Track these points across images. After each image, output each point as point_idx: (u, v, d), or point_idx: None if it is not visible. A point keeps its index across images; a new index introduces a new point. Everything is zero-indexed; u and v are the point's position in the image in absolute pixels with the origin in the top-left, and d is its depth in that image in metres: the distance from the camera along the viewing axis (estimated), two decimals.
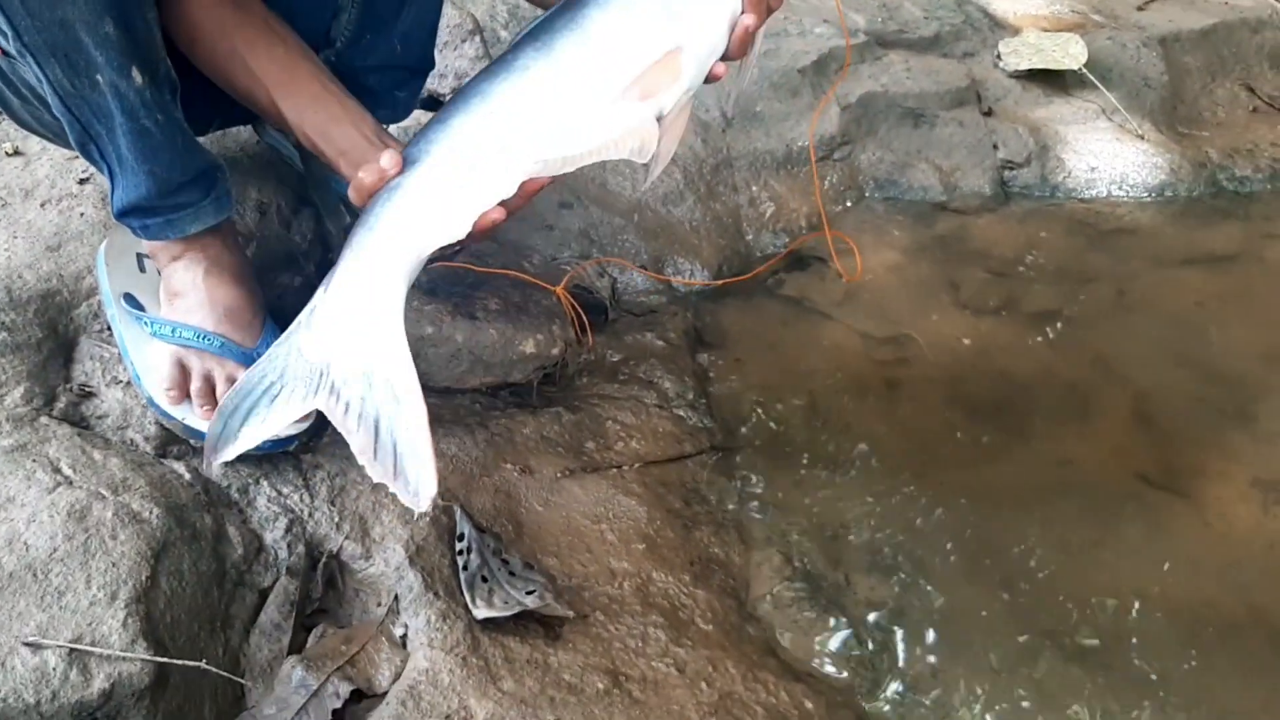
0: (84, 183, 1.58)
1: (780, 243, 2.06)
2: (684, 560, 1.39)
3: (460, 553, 1.27)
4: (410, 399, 1.12)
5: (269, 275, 1.53)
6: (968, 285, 1.98)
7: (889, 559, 1.45)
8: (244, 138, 1.73)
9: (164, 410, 1.29)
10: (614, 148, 1.17)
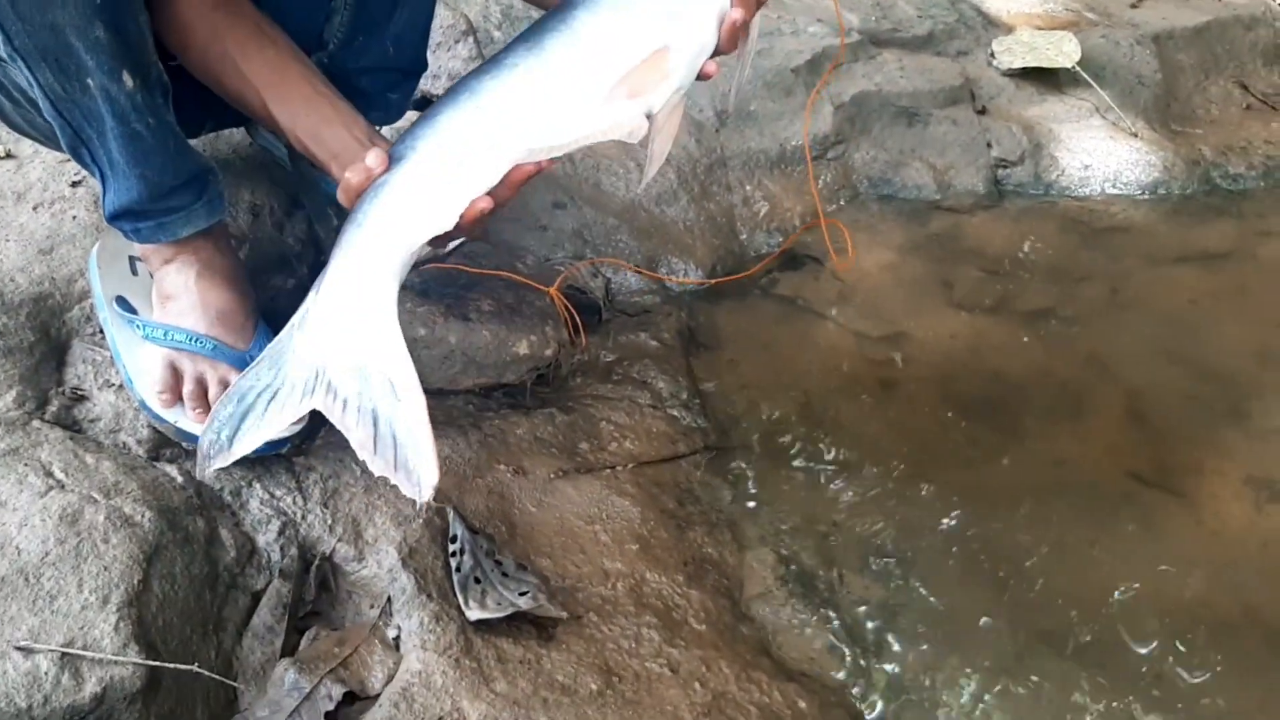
0: (76, 186, 1.58)
1: (775, 242, 2.06)
2: (677, 560, 1.39)
3: (453, 554, 1.27)
4: (408, 391, 1.12)
5: (262, 277, 1.53)
6: (961, 284, 1.98)
7: (882, 558, 1.45)
8: (237, 140, 1.73)
9: (156, 413, 1.29)
10: (600, 136, 1.18)
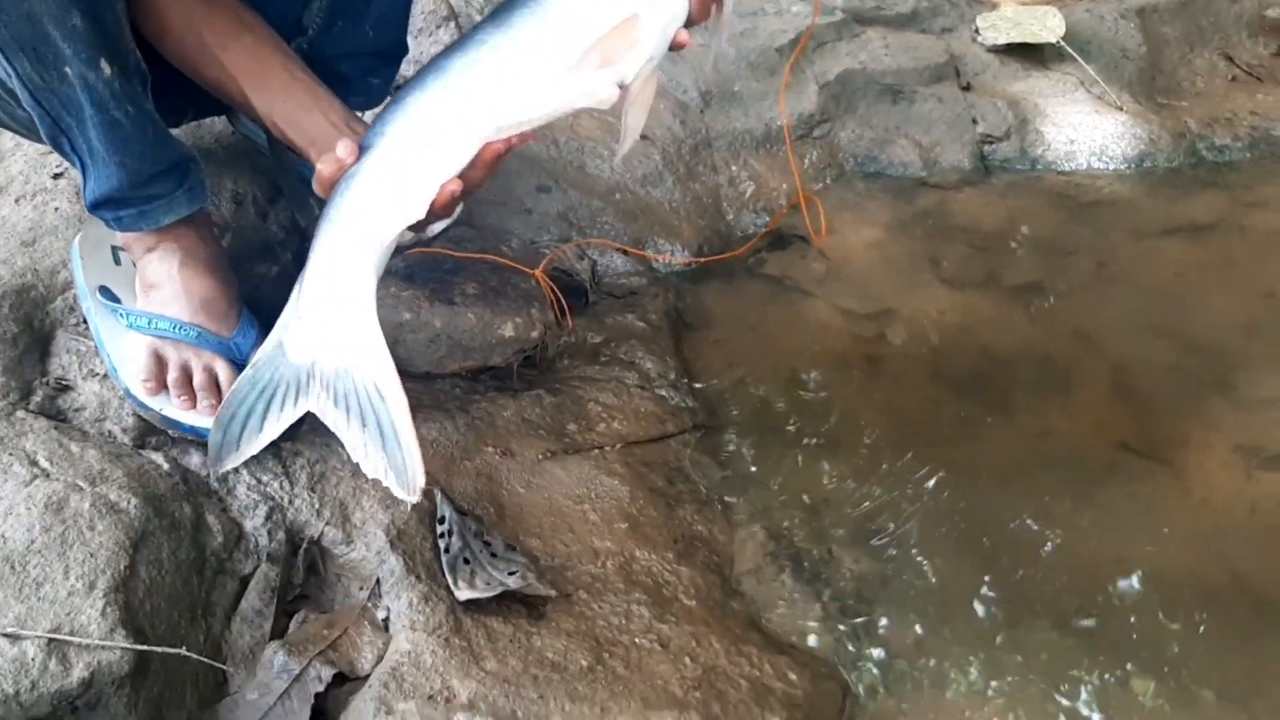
0: (58, 178, 1.58)
1: (761, 222, 2.06)
2: (667, 538, 1.39)
3: (441, 535, 1.27)
4: (389, 390, 1.13)
5: (245, 265, 1.53)
6: (949, 260, 1.98)
7: (872, 533, 1.45)
8: (219, 128, 1.72)
9: (141, 401, 1.29)
10: (569, 107, 1.18)
